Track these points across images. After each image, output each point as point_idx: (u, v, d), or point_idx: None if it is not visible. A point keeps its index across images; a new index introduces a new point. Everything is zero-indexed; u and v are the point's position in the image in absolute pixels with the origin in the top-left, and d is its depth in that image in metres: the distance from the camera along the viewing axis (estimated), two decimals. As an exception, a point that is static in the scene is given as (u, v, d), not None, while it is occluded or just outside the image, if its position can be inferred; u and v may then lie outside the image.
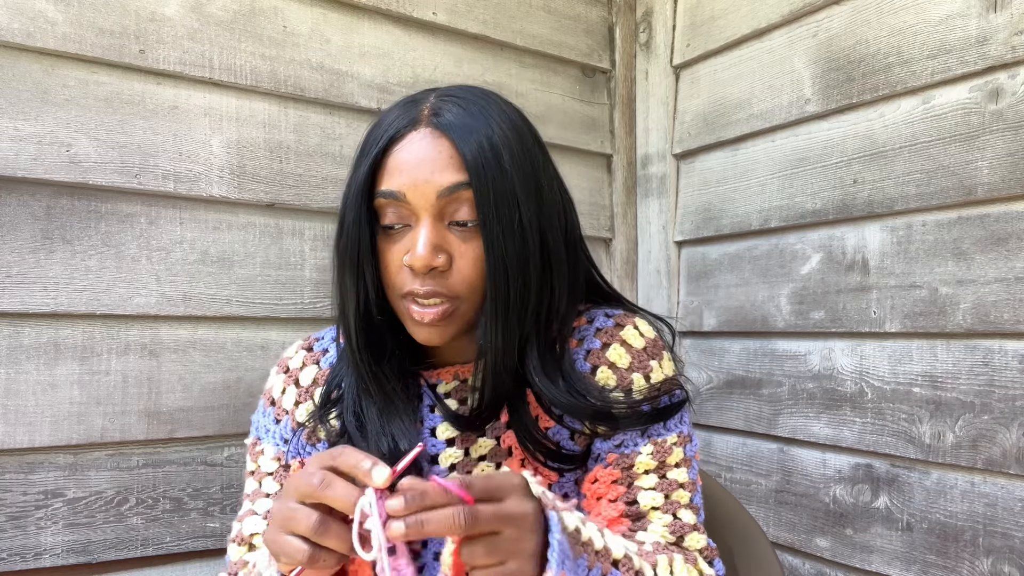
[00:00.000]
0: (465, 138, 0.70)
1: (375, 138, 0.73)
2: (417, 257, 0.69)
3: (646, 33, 1.56)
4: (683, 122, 1.50)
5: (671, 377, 0.80)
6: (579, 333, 0.81)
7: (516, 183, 0.71)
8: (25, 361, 0.98)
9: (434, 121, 0.71)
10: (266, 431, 0.84)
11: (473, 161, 0.69)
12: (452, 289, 0.71)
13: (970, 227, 1.04)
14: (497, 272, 0.70)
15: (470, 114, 0.71)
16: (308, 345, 0.88)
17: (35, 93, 0.98)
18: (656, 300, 1.54)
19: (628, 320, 0.81)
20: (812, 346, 1.25)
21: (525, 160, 0.73)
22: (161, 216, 1.07)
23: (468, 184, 0.69)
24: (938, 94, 1.07)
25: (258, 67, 1.14)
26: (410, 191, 0.70)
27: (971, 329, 1.03)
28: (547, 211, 0.74)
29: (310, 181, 1.19)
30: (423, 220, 0.70)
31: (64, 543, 0.99)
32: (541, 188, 0.74)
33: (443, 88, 0.76)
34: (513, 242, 0.70)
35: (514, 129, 0.73)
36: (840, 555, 1.19)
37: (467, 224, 0.71)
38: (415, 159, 0.70)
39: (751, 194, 1.35)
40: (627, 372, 0.78)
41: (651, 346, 0.80)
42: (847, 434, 1.18)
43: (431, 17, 1.29)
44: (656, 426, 0.77)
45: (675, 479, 0.76)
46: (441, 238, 0.70)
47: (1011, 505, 0.99)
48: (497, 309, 0.70)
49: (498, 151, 0.70)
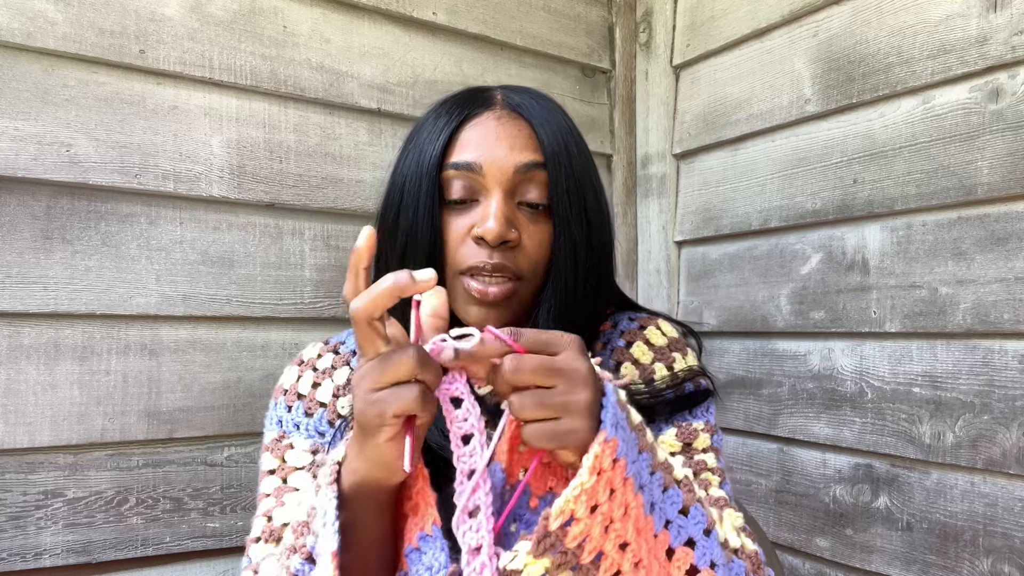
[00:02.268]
0: (543, 123, 0.73)
1: (441, 119, 0.73)
2: (489, 229, 0.69)
3: (646, 33, 1.56)
4: (683, 122, 1.50)
5: (695, 366, 0.79)
6: (604, 336, 0.82)
7: (584, 173, 0.74)
8: (25, 361, 0.98)
9: (511, 102, 0.74)
10: (295, 425, 0.82)
11: (550, 145, 0.71)
12: (519, 267, 0.71)
13: (970, 227, 1.04)
14: (566, 254, 0.71)
15: (541, 104, 0.75)
16: (334, 348, 0.86)
17: (35, 93, 0.98)
18: (656, 300, 1.54)
19: (651, 322, 0.82)
20: (812, 346, 1.25)
21: (587, 157, 0.76)
22: (161, 216, 1.07)
23: (544, 165, 0.71)
24: (938, 94, 1.07)
25: (258, 67, 1.14)
26: (487, 163, 0.70)
27: (971, 329, 1.03)
28: (604, 207, 0.77)
29: (310, 181, 1.19)
30: (495, 194, 0.71)
31: (64, 543, 0.99)
32: (597, 186, 0.77)
33: (504, 84, 0.80)
34: (580, 229, 0.72)
35: (575, 128, 0.77)
36: (840, 555, 1.19)
37: (537, 207, 0.72)
38: (494, 134, 0.72)
39: (751, 194, 1.35)
40: (649, 365, 0.78)
41: (674, 343, 0.81)
42: (847, 434, 1.18)
43: (431, 17, 1.29)
44: (682, 413, 0.76)
45: (703, 460, 0.74)
46: (512, 213, 0.71)
47: (1011, 505, 0.99)
48: (563, 289, 0.72)
49: (569, 141, 0.73)
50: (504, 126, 0.72)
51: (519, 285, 0.72)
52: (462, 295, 0.72)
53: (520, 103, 0.74)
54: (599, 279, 0.77)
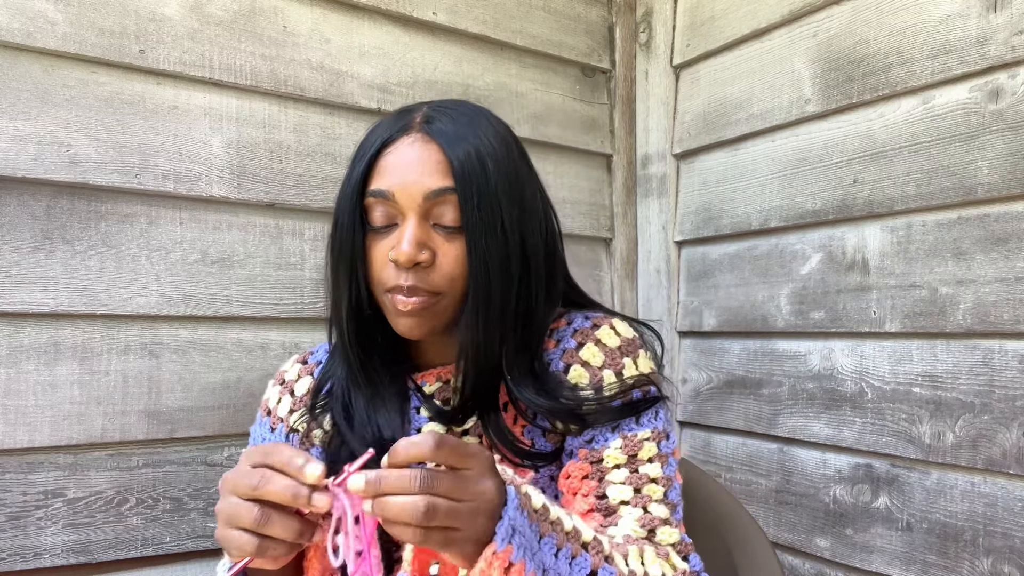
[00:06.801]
0: (453, 145, 0.74)
1: (369, 143, 0.78)
2: (402, 252, 0.72)
3: (646, 33, 1.56)
4: (683, 122, 1.50)
5: (644, 374, 0.80)
6: (557, 334, 0.83)
7: (499, 191, 0.75)
8: (25, 361, 0.98)
9: (425, 128, 0.76)
10: (262, 440, 0.87)
11: (460, 167, 0.73)
12: (433, 285, 0.74)
13: (970, 227, 1.04)
14: (479, 272, 0.74)
15: (459, 124, 0.76)
16: (303, 359, 0.92)
17: (35, 93, 0.98)
18: (656, 300, 1.54)
19: (605, 321, 0.83)
20: (812, 346, 1.25)
21: (510, 170, 0.77)
22: (161, 216, 1.07)
23: (454, 189, 0.73)
24: (938, 94, 1.07)
25: (258, 67, 1.14)
26: (398, 191, 0.74)
27: (971, 329, 1.03)
28: (529, 219, 0.78)
29: (310, 181, 1.19)
30: (409, 218, 0.74)
31: (64, 543, 0.99)
32: (524, 197, 0.78)
33: (436, 101, 0.81)
34: (495, 245, 0.74)
35: (501, 141, 0.78)
36: (840, 555, 1.19)
37: (452, 228, 0.74)
38: (404, 161, 0.74)
39: (751, 194, 1.35)
40: (599, 370, 0.79)
41: (626, 345, 0.81)
42: (847, 434, 1.18)
43: (431, 17, 1.29)
44: (628, 421, 0.77)
45: (646, 473, 0.75)
46: (425, 235, 0.74)
47: (1011, 505, 0.99)
48: (478, 306, 0.74)
49: (484, 160, 0.74)
50: (416, 151, 0.74)
51: (438, 298, 0.75)
52: (391, 310, 0.76)
53: (434, 127, 0.75)
54: (534, 286, 0.78)
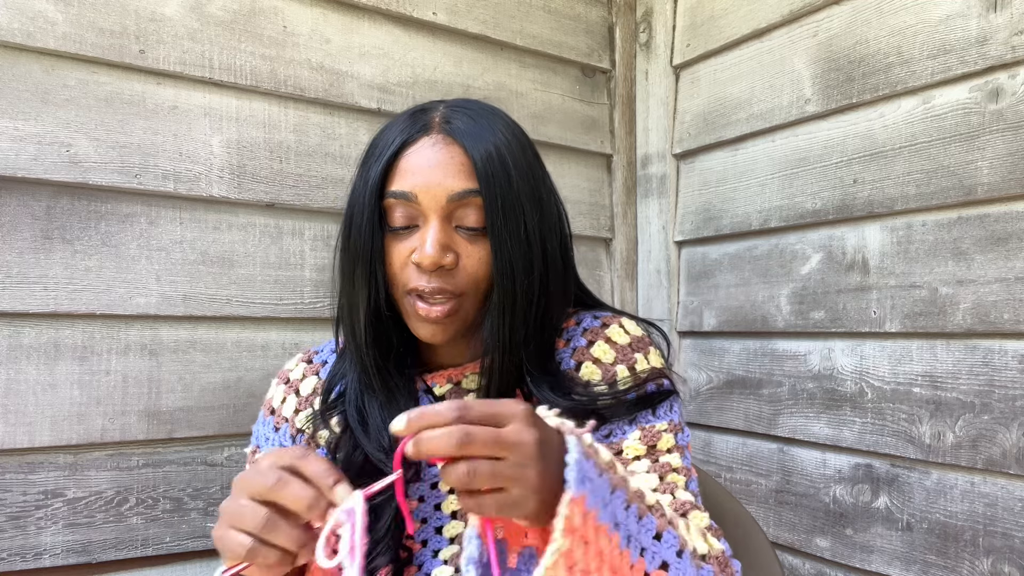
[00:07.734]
0: (475, 145, 0.73)
1: (386, 142, 0.75)
2: (426, 255, 0.71)
3: (646, 33, 1.56)
4: (683, 122, 1.50)
5: (657, 367, 0.80)
6: (567, 333, 0.83)
7: (521, 192, 0.74)
8: (25, 361, 0.98)
9: (446, 128, 0.74)
10: (266, 439, 0.86)
11: (483, 169, 0.72)
12: (458, 287, 0.73)
13: (970, 227, 1.04)
14: (505, 275, 0.72)
15: (480, 125, 0.75)
16: (307, 358, 0.90)
17: (35, 93, 0.98)
18: (656, 300, 1.54)
19: (614, 320, 0.83)
20: (812, 346, 1.25)
21: (528, 171, 0.76)
22: (161, 216, 1.07)
23: (478, 191, 0.72)
24: (938, 94, 1.07)
25: (258, 67, 1.14)
26: (421, 192, 0.72)
27: (971, 329, 1.03)
28: (547, 220, 0.78)
29: (310, 181, 1.19)
30: (431, 221, 0.72)
31: (64, 543, 0.99)
32: (542, 199, 0.77)
33: (451, 100, 0.80)
34: (519, 246, 0.73)
35: (518, 141, 0.77)
36: (840, 555, 1.19)
37: (475, 229, 0.73)
38: (427, 162, 0.73)
39: (751, 194, 1.35)
40: (611, 365, 0.79)
41: (636, 341, 0.81)
42: (847, 434, 1.18)
43: (431, 17, 1.29)
44: (644, 413, 0.77)
45: (668, 462, 0.75)
46: (448, 238, 0.73)
47: (1011, 505, 0.99)
48: (504, 308, 0.73)
49: (505, 160, 0.73)
50: (438, 153, 0.73)
51: (462, 300, 0.74)
52: (412, 314, 0.75)
53: (455, 127, 0.74)
54: (552, 286, 0.78)
